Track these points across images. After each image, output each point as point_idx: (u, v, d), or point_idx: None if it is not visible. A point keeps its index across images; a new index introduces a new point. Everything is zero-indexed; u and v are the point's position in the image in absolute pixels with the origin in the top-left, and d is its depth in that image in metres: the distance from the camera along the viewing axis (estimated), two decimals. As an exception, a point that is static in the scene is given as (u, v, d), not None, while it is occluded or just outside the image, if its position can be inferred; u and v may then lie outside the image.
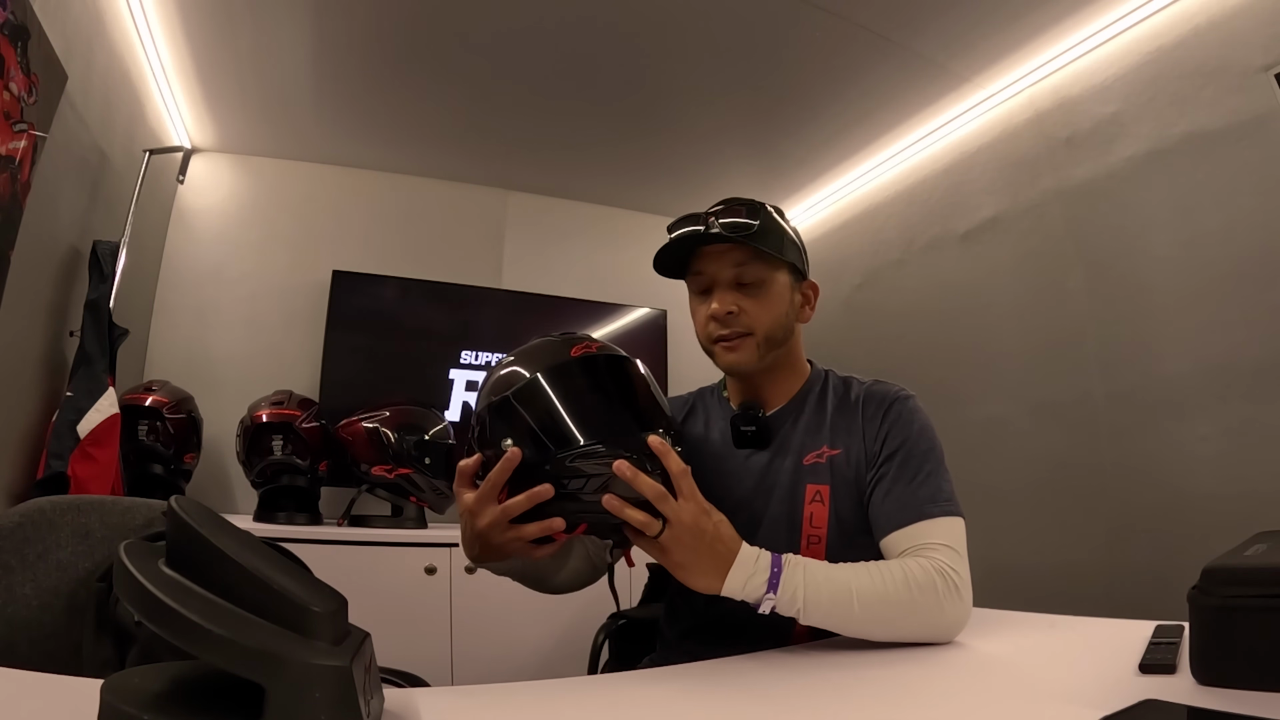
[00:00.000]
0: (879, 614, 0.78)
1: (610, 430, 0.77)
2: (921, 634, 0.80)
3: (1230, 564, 0.59)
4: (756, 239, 0.91)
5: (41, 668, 0.57)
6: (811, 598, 0.76)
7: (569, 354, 0.81)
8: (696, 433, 1.05)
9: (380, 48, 2.18)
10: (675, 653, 0.99)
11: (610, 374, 0.83)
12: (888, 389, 0.98)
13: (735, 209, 0.93)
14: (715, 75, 2.29)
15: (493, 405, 0.79)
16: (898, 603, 0.78)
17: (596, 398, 0.80)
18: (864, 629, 0.79)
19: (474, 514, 0.77)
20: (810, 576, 0.77)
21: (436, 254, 2.98)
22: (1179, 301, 1.82)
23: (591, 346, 0.83)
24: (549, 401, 0.78)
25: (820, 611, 0.77)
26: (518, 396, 0.78)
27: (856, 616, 0.78)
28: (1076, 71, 2.12)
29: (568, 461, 0.74)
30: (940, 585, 0.79)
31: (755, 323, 0.93)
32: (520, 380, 0.79)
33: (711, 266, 0.94)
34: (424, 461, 2.30)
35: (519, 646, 2.07)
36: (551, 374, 0.79)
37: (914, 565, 0.81)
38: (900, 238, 2.77)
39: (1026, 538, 2.14)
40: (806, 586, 0.76)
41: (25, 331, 1.74)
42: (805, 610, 0.77)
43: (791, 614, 0.77)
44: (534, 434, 0.76)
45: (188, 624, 0.39)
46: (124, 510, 0.89)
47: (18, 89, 1.45)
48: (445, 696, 0.63)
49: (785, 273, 0.96)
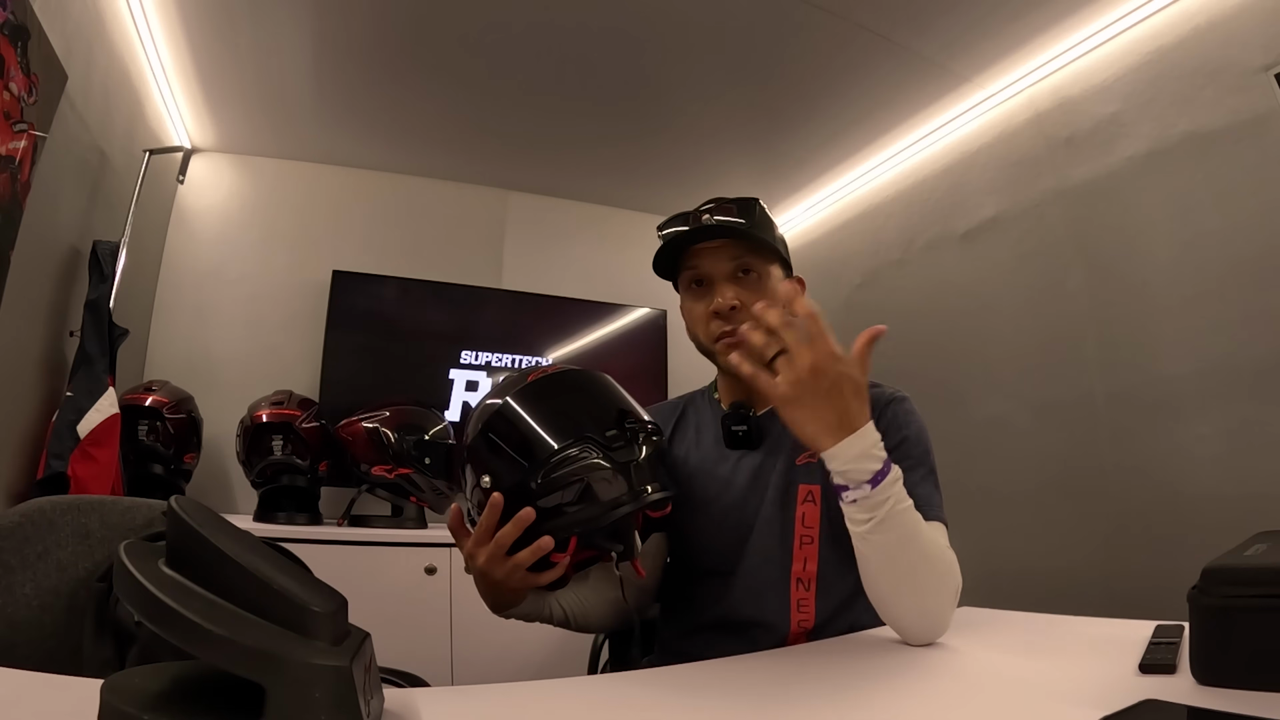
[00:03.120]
0: (920, 573, 0.76)
1: (576, 433, 0.77)
2: (928, 618, 0.78)
3: (1230, 564, 0.59)
4: (753, 230, 0.92)
5: (41, 668, 0.57)
6: (893, 518, 0.73)
7: (525, 380, 0.81)
8: (688, 436, 1.04)
9: (380, 48, 2.19)
10: (675, 653, 0.98)
11: (567, 385, 0.83)
12: (884, 391, 0.98)
13: (725, 206, 0.93)
14: (715, 75, 2.29)
15: (467, 449, 0.80)
16: (937, 574, 0.77)
17: (557, 409, 0.79)
18: (896, 580, 0.76)
19: (474, 558, 0.77)
20: (902, 498, 0.74)
21: (436, 254, 2.98)
22: (1179, 301, 1.82)
23: (549, 370, 0.84)
24: (510, 426, 0.78)
25: (888, 534, 0.74)
26: (482, 433, 0.78)
27: (904, 562, 0.75)
28: (1076, 71, 2.12)
29: (547, 477, 0.75)
30: (957, 579, 0.81)
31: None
32: (482, 419, 0.80)
33: (707, 263, 0.94)
34: (424, 461, 2.30)
35: (519, 646, 2.07)
36: (511, 402, 0.79)
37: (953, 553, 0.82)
38: (900, 238, 2.77)
39: (1026, 538, 2.14)
40: (896, 503, 0.73)
41: (25, 331, 1.74)
42: (878, 523, 0.73)
43: (863, 518, 0.74)
44: (507, 463, 0.76)
45: (188, 624, 0.39)
46: (124, 510, 0.89)
47: (18, 89, 1.45)
48: (445, 696, 0.62)
49: (778, 266, 0.97)
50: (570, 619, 0.94)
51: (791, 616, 0.91)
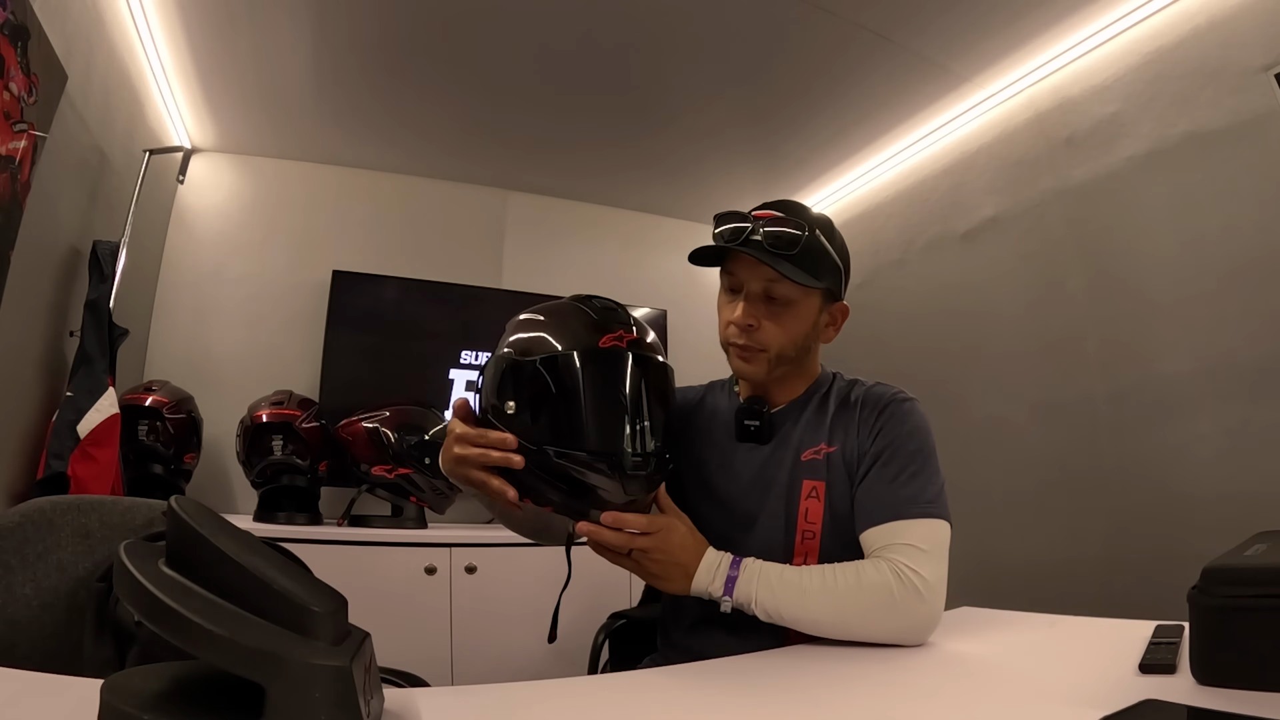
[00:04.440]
0: (830, 613, 0.81)
1: (608, 446, 0.79)
2: (879, 633, 0.81)
3: (1230, 564, 0.59)
4: (794, 260, 0.88)
5: (41, 668, 0.57)
6: (764, 598, 0.82)
7: (596, 343, 0.82)
8: (702, 423, 1.05)
9: (380, 48, 2.18)
10: (677, 650, 0.99)
11: (626, 378, 0.83)
12: (887, 390, 0.98)
13: (783, 221, 0.89)
14: (715, 75, 2.28)
15: (508, 361, 0.82)
16: (849, 603, 0.81)
17: (604, 405, 0.81)
18: (818, 626, 0.82)
19: (458, 442, 0.84)
20: (764, 579, 0.83)
21: (436, 254, 2.98)
22: (1179, 301, 1.82)
23: (622, 339, 0.83)
24: (554, 389, 0.80)
25: (773, 610, 0.82)
26: (528, 371, 0.81)
27: (809, 615, 0.82)
28: (1076, 71, 2.12)
29: (554, 456, 0.78)
30: (895, 586, 0.80)
31: (770, 341, 0.93)
32: (538, 353, 0.81)
33: (744, 272, 0.93)
34: (424, 461, 2.30)
35: (519, 646, 2.07)
36: (567, 361, 0.80)
37: (869, 566, 0.83)
38: (900, 238, 2.77)
39: (1026, 537, 2.14)
40: (759, 589, 0.83)
41: (25, 331, 1.74)
42: (759, 609, 0.83)
43: (750, 613, 0.84)
44: (534, 411, 0.80)
45: (188, 624, 0.39)
46: (124, 510, 0.89)
47: (18, 89, 1.45)
48: (445, 696, 0.63)
49: (817, 296, 0.95)
50: (509, 518, 0.98)
51: None
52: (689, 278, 3.30)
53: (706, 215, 0.98)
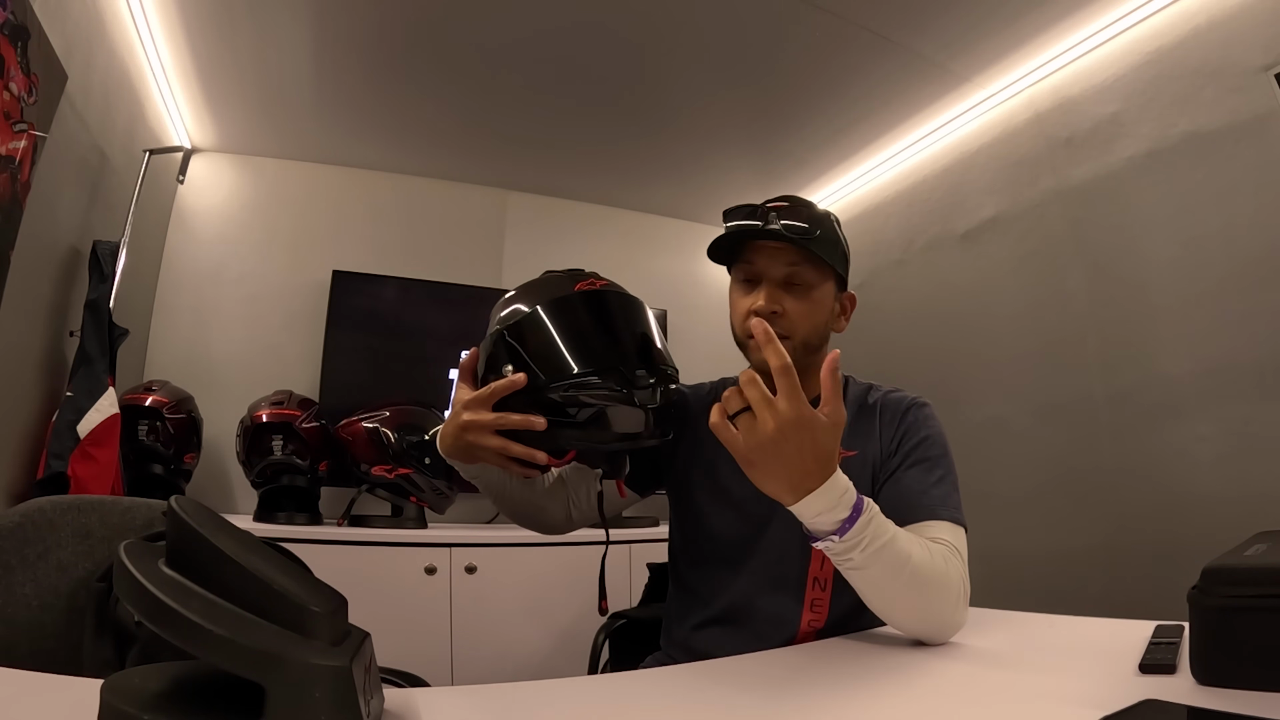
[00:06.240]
0: (910, 596, 0.75)
1: (606, 362, 0.81)
2: (932, 627, 0.79)
3: (1230, 564, 0.59)
4: (815, 245, 0.90)
5: (41, 668, 0.57)
6: (870, 558, 0.72)
7: (572, 288, 0.86)
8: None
9: (380, 48, 2.18)
10: (679, 649, 0.99)
11: (610, 309, 0.87)
12: (905, 396, 1.00)
13: (799, 209, 0.92)
14: (715, 75, 2.28)
15: (496, 334, 0.84)
16: (928, 594, 0.76)
17: (594, 331, 0.84)
18: (887, 604, 0.76)
19: (465, 409, 0.82)
20: (880, 535, 0.72)
21: (436, 254, 2.98)
22: (1179, 301, 1.82)
23: (596, 283, 0.87)
24: (548, 333, 0.82)
25: (867, 571, 0.73)
26: (516, 329, 0.83)
27: (891, 591, 0.75)
28: (1076, 71, 2.12)
29: (563, 391, 0.79)
30: (960, 587, 0.80)
31: (796, 326, 0.92)
32: (520, 315, 0.84)
33: (763, 261, 0.93)
34: (424, 461, 2.30)
35: (519, 646, 2.07)
36: (551, 307, 0.83)
37: (953, 559, 0.81)
38: (900, 238, 2.77)
39: (1027, 538, 2.14)
40: (870, 543, 0.71)
41: (25, 331, 1.74)
42: (854, 565, 0.72)
43: (839, 561, 0.73)
44: (533, 363, 0.81)
45: (188, 624, 0.39)
46: (124, 510, 0.89)
47: (18, 89, 1.45)
48: (445, 696, 0.63)
49: (832, 281, 0.96)
50: (505, 499, 0.98)
51: (803, 615, 0.91)
52: (689, 278, 3.30)
53: (707, 215, 0.98)
